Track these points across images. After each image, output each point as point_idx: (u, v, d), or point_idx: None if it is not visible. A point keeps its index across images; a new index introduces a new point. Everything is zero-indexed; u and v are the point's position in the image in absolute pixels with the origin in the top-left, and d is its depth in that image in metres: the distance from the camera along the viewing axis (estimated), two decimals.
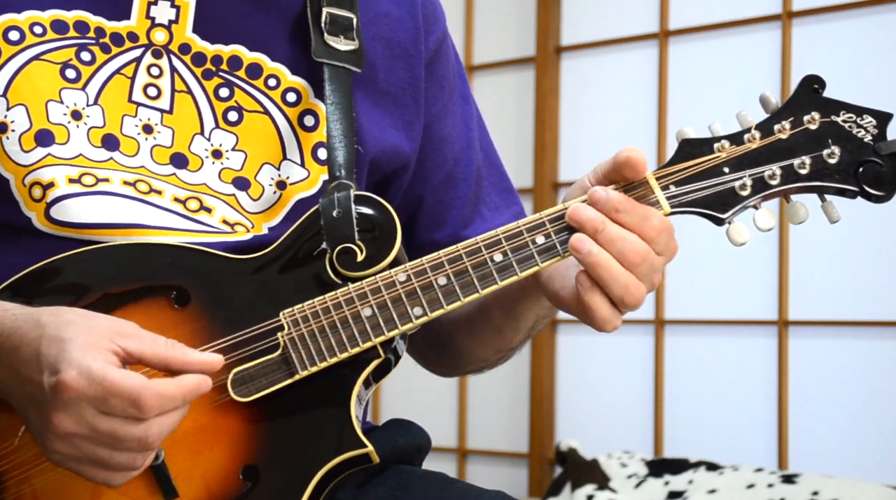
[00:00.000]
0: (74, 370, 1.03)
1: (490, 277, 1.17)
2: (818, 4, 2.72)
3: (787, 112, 1.19)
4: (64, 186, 1.22)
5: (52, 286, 1.19)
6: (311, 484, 1.15)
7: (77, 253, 1.20)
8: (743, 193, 1.18)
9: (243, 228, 1.28)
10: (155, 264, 1.20)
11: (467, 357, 1.43)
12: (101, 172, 1.24)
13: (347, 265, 1.19)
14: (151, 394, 1.04)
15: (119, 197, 1.24)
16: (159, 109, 1.29)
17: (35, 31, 1.27)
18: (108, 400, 1.04)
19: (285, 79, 1.32)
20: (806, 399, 2.69)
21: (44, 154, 1.23)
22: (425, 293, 1.17)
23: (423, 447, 1.39)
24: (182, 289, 1.19)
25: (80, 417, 1.04)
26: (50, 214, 1.22)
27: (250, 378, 1.16)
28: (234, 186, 1.29)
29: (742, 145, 1.19)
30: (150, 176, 1.26)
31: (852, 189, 1.18)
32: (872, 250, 2.63)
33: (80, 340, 1.05)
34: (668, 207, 1.18)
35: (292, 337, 1.17)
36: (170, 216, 1.25)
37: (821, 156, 1.18)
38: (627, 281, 1.15)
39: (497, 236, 1.18)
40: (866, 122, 1.18)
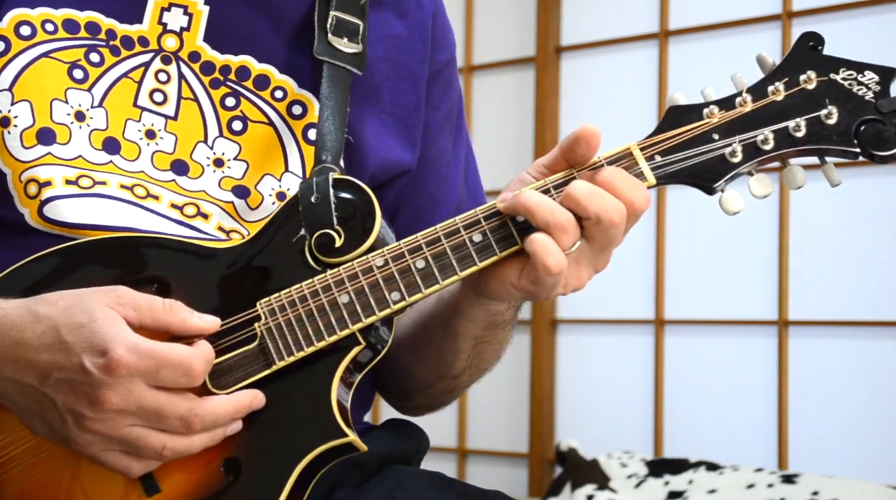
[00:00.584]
0: (122, 347, 1.05)
1: (469, 258, 1.13)
2: (818, 4, 2.72)
3: (781, 72, 1.15)
4: (60, 187, 1.22)
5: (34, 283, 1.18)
6: (292, 475, 1.14)
7: (57, 249, 1.20)
8: (734, 160, 1.12)
9: (239, 235, 1.27)
10: (136, 257, 1.20)
11: (413, 381, 1.38)
12: (99, 174, 1.24)
13: (326, 251, 1.16)
14: (198, 359, 1.09)
15: (114, 200, 1.24)
16: (164, 115, 1.29)
17: (47, 28, 1.26)
18: (160, 371, 1.07)
19: (292, 91, 1.32)
20: (806, 399, 2.69)
21: (44, 152, 1.23)
22: (403, 277, 1.14)
23: (421, 447, 1.39)
24: (162, 280, 1.18)
25: (129, 392, 1.06)
26: (43, 213, 1.22)
27: (228, 370, 1.15)
28: (233, 194, 1.28)
29: (733, 110, 1.14)
30: (149, 181, 1.26)
31: (853, 150, 1.12)
32: (872, 250, 2.63)
33: (100, 316, 1.07)
34: (652, 179, 1.13)
35: (269, 327, 1.15)
36: (164, 222, 1.25)
37: (818, 117, 1.12)
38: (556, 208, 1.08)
39: (476, 216, 1.14)
40: (868, 79, 1.13)
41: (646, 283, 2.95)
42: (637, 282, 2.96)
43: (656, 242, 2.93)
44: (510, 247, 1.13)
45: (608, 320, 3.01)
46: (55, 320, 1.08)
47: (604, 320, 3.01)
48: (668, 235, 2.93)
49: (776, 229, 2.74)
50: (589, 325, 3.05)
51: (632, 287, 2.96)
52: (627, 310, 2.98)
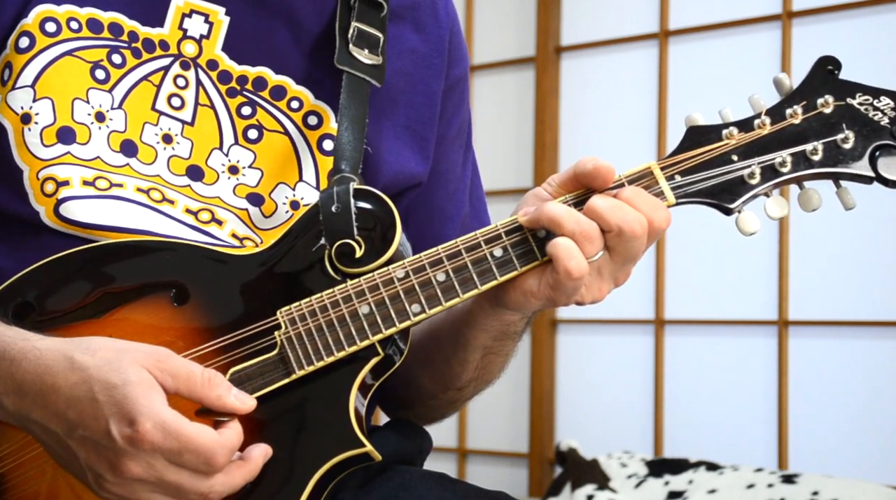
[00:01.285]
0: (150, 423, 1.03)
1: (490, 273, 1.14)
2: (818, 4, 2.72)
3: (799, 96, 1.15)
4: (78, 187, 1.22)
5: (52, 286, 1.18)
6: (309, 484, 1.14)
7: (76, 251, 1.19)
8: (752, 182, 1.14)
9: (252, 243, 1.27)
10: (154, 261, 1.19)
11: (417, 390, 1.39)
12: (115, 176, 1.24)
13: (346, 261, 1.17)
14: (223, 450, 1.06)
15: (130, 203, 1.24)
16: (181, 120, 1.28)
17: (71, 26, 1.26)
18: (183, 454, 1.04)
19: (308, 102, 1.32)
20: (806, 399, 2.69)
21: (63, 152, 1.23)
22: (424, 290, 1.15)
23: (424, 447, 1.39)
24: (181, 286, 1.18)
25: (150, 466, 1.05)
26: (58, 212, 1.22)
27: (247, 378, 1.15)
28: (247, 201, 1.28)
29: (751, 132, 1.15)
30: (165, 185, 1.26)
31: (868, 175, 1.14)
32: (872, 250, 2.63)
33: (134, 381, 1.05)
34: (672, 199, 1.14)
35: (289, 336, 1.16)
36: (179, 226, 1.25)
37: (834, 141, 1.13)
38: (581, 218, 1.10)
39: (497, 231, 1.15)
40: (884, 104, 1.14)
41: (646, 283, 2.95)
42: (637, 282, 2.96)
43: (656, 243, 2.93)
44: (531, 262, 1.14)
45: (608, 320, 3.01)
46: (89, 373, 1.06)
47: (604, 320, 3.02)
48: (669, 235, 2.92)
49: (776, 229, 2.74)
50: (589, 325, 3.05)
51: (632, 287, 2.95)
52: (627, 310, 2.98)
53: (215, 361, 1.16)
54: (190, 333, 1.17)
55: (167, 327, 1.17)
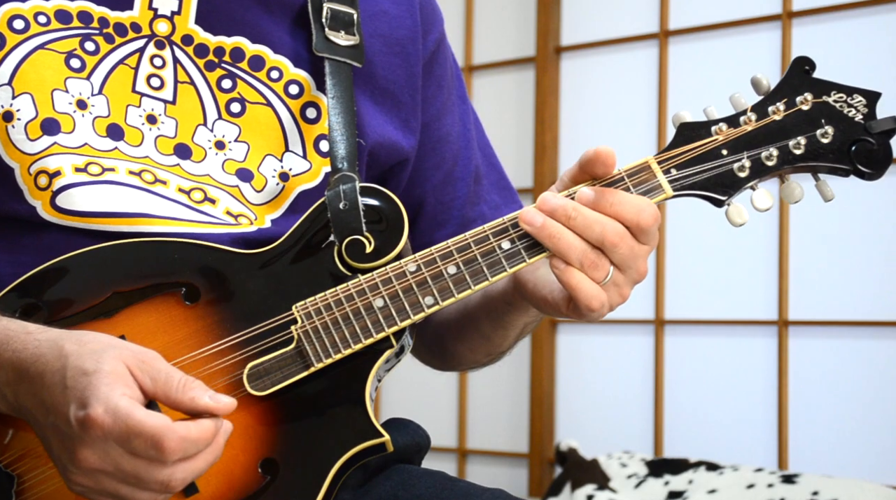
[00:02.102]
0: (101, 407, 1.02)
1: (499, 264, 1.18)
2: (818, 4, 2.72)
3: (779, 94, 1.22)
4: (70, 175, 1.22)
5: (60, 286, 1.19)
6: (329, 475, 1.16)
7: (85, 252, 1.20)
8: (742, 175, 1.20)
9: (247, 219, 1.28)
10: (163, 260, 1.20)
11: (458, 360, 1.44)
12: (106, 161, 1.25)
13: (356, 257, 1.20)
14: (174, 436, 1.02)
15: (125, 186, 1.24)
16: (163, 100, 1.29)
17: (39, 20, 1.27)
18: (132, 440, 1.03)
19: (287, 71, 1.33)
20: (806, 399, 2.69)
21: (50, 143, 1.23)
22: (436, 283, 1.18)
23: (422, 446, 1.39)
24: (191, 285, 1.20)
25: (105, 454, 1.04)
26: (56, 203, 1.22)
27: (266, 372, 1.17)
28: (237, 178, 1.29)
29: (739, 127, 1.21)
30: (155, 166, 1.27)
31: (844, 167, 1.20)
32: (872, 251, 2.63)
33: (106, 371, 1.04)
34: (671, 191, 1.20)
35: (306, 330, 1.18)
36: (175, 206, 1.26)
37: (815, 136, 1.20)
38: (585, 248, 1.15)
39: (505, 224, 1.19)
40: (856, 101, 1.21)
41: (646, 283, 2.94)
42: None
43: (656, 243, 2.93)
44: (538, 254, 1.18)
45: (608, 320, 3.01)
46: (69, 360, 1.06)
47: (604, 319, 3.01)
48: (668, 235, 2.93)
49: (776, 229, 2.74)
50: (589, 325, 3.05)
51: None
52: (627, 310, 2.97)
53: (232, 356, 1.18)
54: (202, 330, 1.18)
55: (179, 325, 1.18)
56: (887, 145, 1.20)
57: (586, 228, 1.15)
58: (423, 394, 3.32)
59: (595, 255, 1.15)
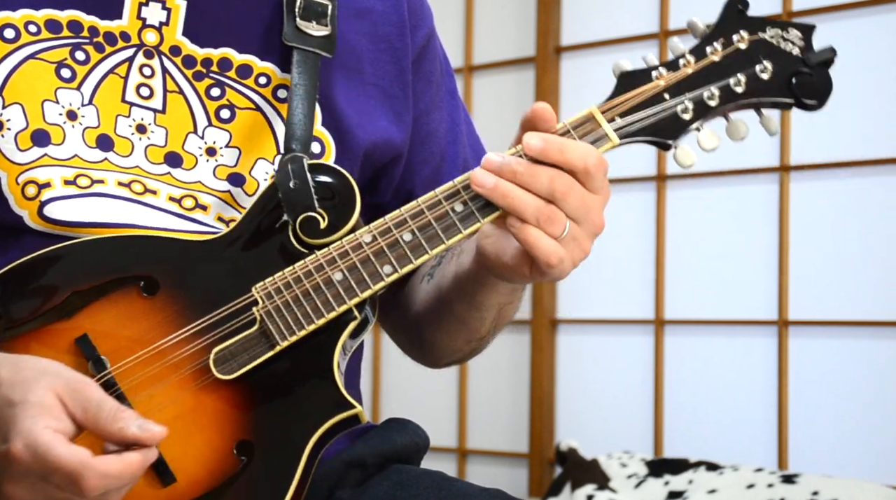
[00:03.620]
0: (21, 442, 1.01)
1: (454, 227, 1.18)
2: (818, 4, 2.72)
3: (716, 34, 1.23)
4: (60, 188, 1.23)
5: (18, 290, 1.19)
6: (305, 451, 1.16)
7: (40, 254, 1.20)
8: (686, 117, 1.21)
9: None
10: (119, 255, 1.20)
11: (439, 349, 1.43)
12: (95, 173, 1.25)
13: (311, 233, 1.20)
14: (93, 474, 1.01)
15: (114, 198, 1.24)
16: (152, 109, 1.29)
17: (30, 29, 1.27)
18: (51, 476, 1.01)
19: (275, 76, 1.33)
20: (806, 399, 2.69)
21: (40, 154, 1.23)
22: (393, 251, 1.18)
23: (421, 446, 1.39)
24: (149, 278, 1.19)
25: (33, 487, 1.03)
26: (43, 213, 1.22)
27: (231, 356, 1.17)
28: (228, 183, 1.29)
29: (679, 71, 1.23)
30: (145, 176, 1.27)
31: (787, 101, 1.21)
32: (872, 251, 2.63)
33: (32, 402, 1.03)
34: (616, 139, 1.20)
35: (268, 310, 1.18)
36: (164, 216, 1.26)
37: (754, 72, 1.21)
38: (539, 204, 1.14)
39: (455, 187, 1.18)
40: (792, 35, 1.22)
41: (646, 283, 2.95)
42: (637, 282, 2.96)
43: (656, 243, 2.93)
44: (492, 213, 1.18)
45: (608, 320, 3.01)
46: (1, 390, 1.04)
47: (604, 320, 3.02)
48: (668, 235, 2.93)
49: (776, 229, 2.74)
50: (589, 325, 3.05)
51: (632, 287, 2.96)
52: (627, 310, 2.98)
53: (196, 343, 1.18)
54: (165, 321, 1.18)
55: (140, 318, 1.18)
56: (826, 75, 1.21)
57: (534, 180, 1.15)
58: (423, 394, 3.32)
59: (549, 209, 1.14)
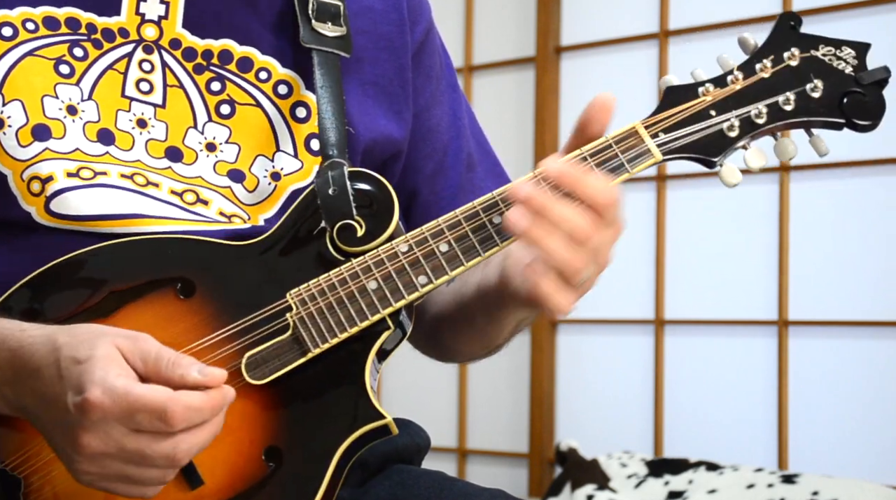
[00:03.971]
0: (98, 389, 1.03)
1: (490, 239, 1.17)
2: (818, 4, 2.72)
3: (767, 51, 1.20)
4: (63, 180, 1.23)
5: (57, 289, 1.19)
6: (333, 459, 1.16)
7: (79, 254, 1.20)
8: (731, 134, 1.18)
9: (240, 219, 1.28)
10: (158, 257, 1.21)
11: (455, 352, 1.44)
12: (98, 165, 1.25)
13: (348, 241, 1.19)
14: (178, 406, 1.03)
15: (117, 189, 1.25)
16: (152, 104, 1.29)
17: (27, 27, 1.27)
18: (135, 416, 1.03)
19: (276, 71, 1.33)
20: (806, 399, 2.69)
21: (41, 148, 1.23)
22: (428, 261, 1.17)
23: (422, 446, 1.39)
24: (186, 280, 1.19)
25: (107, 436, 1.04)
26: (50, 208, 1.22)
27: (263, 361, 1.17)
28: (229, 179, 1.29)
29: (726, 87, 1.21)
30: (147, 169, 1.27)
31: (838, 121, 1.19)
32: (872, 250, 2.63)
33: (98, 356, 1.05)
34: (659, 155, 1.19)
35: (301, 316, 1.18)
36: (168, 207, 1.26)
37: (804, 91, 1.18)
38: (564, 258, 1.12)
39: (494, 199, 1.17)
40: (845, 53, 1.20)
41: (646, 283, 2.95)
42: (637, 282, 2.96)
43: (656, 243, 2.93)
44: None
45: (608, 320, 3.01)
46: (61, 352, 1.06)
47: (604, 320, 3.02)
48: (668, 235, 2.93)
49: (776, 229, 2.74)
50: (589, 325, 3.05)
51: (632, 287, 2.97)
52: (627, 310, 2.98)
53: (229, 347, 1.18)
54: (200, 323, 1.18)
55: (176, 319, 1.18)
56: (879, 95, 1.19)
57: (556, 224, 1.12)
58: (423, 394, 3.32)
59: (573, 263, 1.12)
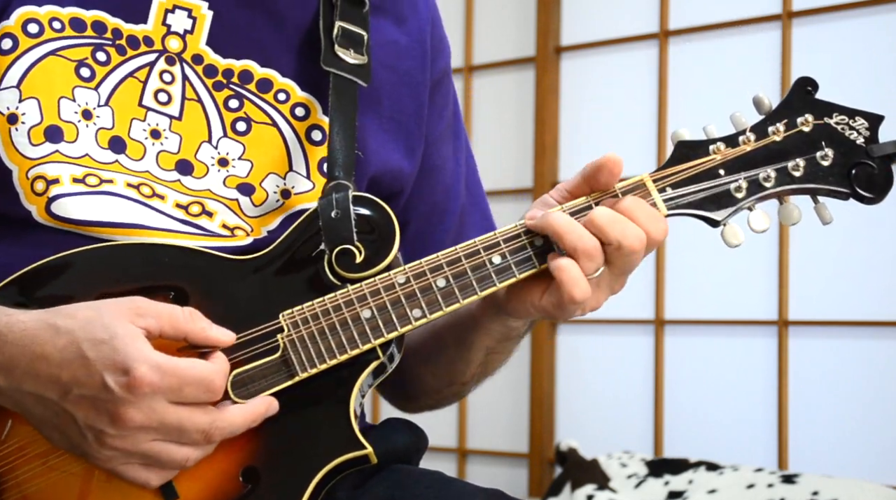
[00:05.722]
0: (144, 366, 1.06)
1: (489, 279, 1.17)
2: (818, 4, 2.72)
3: (780, 114, 1.20)
4: (68, 185, 1.23)
5: (49, 286, 1.19)
6: (310, 485, 1.16)
7: (76, 252, 1.20)
8: (738, 195, 1.19)
9: (242, 232, 1.28)
10: (153, 264, 1.20)
11: (421, 386, 1.42)
12: (105, 173, 1.25)
13: (346, 266, 1.19)
14: (220, 376, 1.11)
15: (121, 198, 1.24)
16: (168, 115, 1.29)
17: (54, 26, 1.27)
18: (183, 388, 1.08)
19: (295, 94, 1.33)
20: (806, 399, 2.69)
21: (52, 150, 1.23)
22: (424, 295, 1.17)
23: (420, 446, 1.39)
24: (180, 289, 1.19)
25: (151, 410, 1.07)
26: (50, 209, 1.22)
27: (250, 380, 1.16)
28: (238, 191, 1.29)
29: (737, 147, 1.20)
30: (155, 181, 1.27)
31: (844, 191, 1.19)
32: (872, 251, 2.63)
33: (121, 333, 1.08)
34: (665, 210, 1.20)
35: (292, 339, 1.17)
36: (170, 220, 1.26)
37: (814, 158, 1.19)
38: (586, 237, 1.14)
39: (496, 239, 1.18)
40: (858, 124, 1.19)
41: (646, 283, 2.95)
42: (637, 282, 2.95)
43: None
44: (529, 270, 1.17)
45: (608, 320, 3.01)
46: (76, 334, 1.08)
47: (604, 320, 3.01)
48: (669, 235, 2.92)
49: (776, 230, 2.74)
50: (589, 325, 3.05)
51: (632, 287, 2.95)
52: (627, 310, 2.98)
53: None
54: None
55: None
56: (888, 170, 1.19)
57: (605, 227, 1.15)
58: None
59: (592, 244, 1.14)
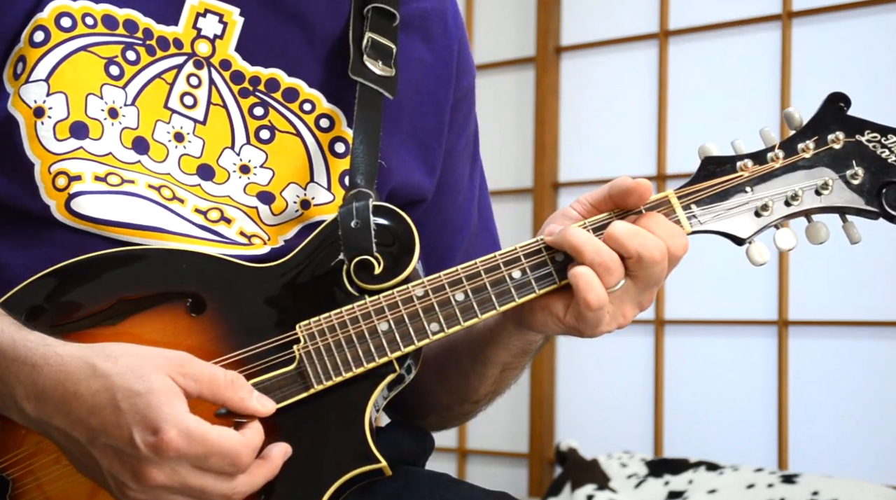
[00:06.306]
0: (174, 430, 1.04)
1: (508, 294, 1.16)
2: (818, 4, 2.72)
3: (811, 130, 1.17)
4: (90, 183, 1.22)
5: (67, 290, 1.18)
6: (324, 497, 1.15)
7: (94, 256, 1.19)
8: (765, 214, 1.17)
9: (260, 240, 1.27)
10: (172, 270, 1.19)
11: (433, 402, 1.40)
12: (127, 173, 1.24)
13: (365, 278, 1.18)
14: (248, 451, 1.08)
15: (142, 199, 1.24)
16: (193, 119, 1.28)
17: (87, 21, 1.26)
18: (208, 458, 1.05)
19: (321, 105, 1.32)
20: (806, 399, 2.69)
21: (76, 146, 1.23)
22: (443, 309, 1.16)
23: (426, 447, 1.39)
24: (198, 297, 1.18)
25: (174, 472, 1.05)
26: (70, 206, 1.21)
27: (265, 391, 1.15)
28: (257, 199, 1.28)
29: (765, 164, 1.17)
30: (175, 184, 1.26)
31: (873, 211, 1.18)
32: (872, 251, 2.63)
33: (158, 389, 1.05)
34: (689, 228, 1.17)
35: (308, 351, 1.16)
36: (188, 225, 1.25)
37: (844, 176, 1.17)
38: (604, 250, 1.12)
39: (516, 253, 1.16)
40: (891, 141, 1.17)
41: None
42: None
43: None
44: (548, 285, 1.16)
45: None
46: (112, 380, 1.06)
47: None
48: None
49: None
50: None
51: None
52: None
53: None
54: (206, 343, 1.17)
55: (183, 335, 1.17)
56: None
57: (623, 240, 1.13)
58: None
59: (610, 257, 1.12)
